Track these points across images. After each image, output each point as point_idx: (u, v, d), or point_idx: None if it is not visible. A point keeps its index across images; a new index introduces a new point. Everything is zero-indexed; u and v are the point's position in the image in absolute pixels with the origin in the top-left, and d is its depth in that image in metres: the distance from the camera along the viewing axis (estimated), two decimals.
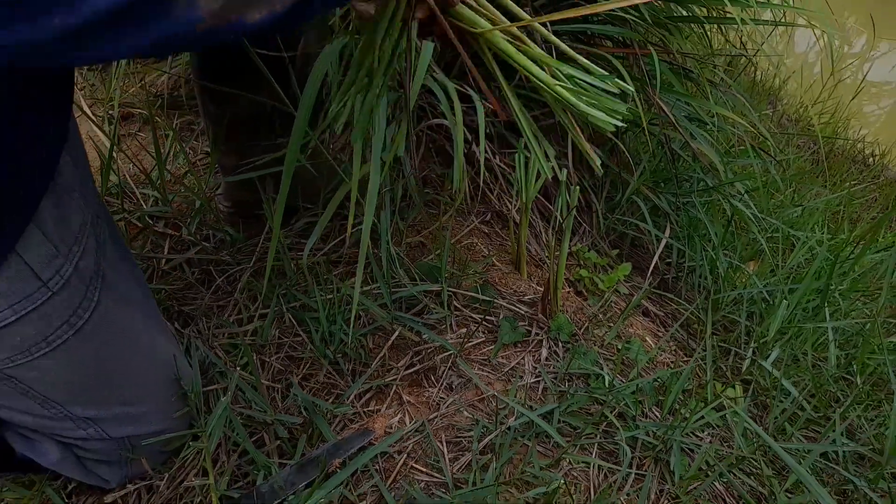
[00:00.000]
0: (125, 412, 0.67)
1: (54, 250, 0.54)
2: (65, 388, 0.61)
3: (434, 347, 0.90)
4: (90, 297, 0.58)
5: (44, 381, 0.58)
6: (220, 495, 0.66)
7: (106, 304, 0.60)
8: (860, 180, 2.70)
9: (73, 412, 0.63)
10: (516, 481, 0.72)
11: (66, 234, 0.55)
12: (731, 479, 0.82)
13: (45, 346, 0.55)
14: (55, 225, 0.53)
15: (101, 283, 0.59)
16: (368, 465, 0.72)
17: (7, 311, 0.51)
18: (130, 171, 1.17)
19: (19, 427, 0.68)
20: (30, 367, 0.56)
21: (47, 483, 0.71)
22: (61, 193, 0.54)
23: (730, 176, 1.40)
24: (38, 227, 0.52)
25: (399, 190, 1.09)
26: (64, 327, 0.56)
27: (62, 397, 0.61)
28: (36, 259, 0.52)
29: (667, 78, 1.19)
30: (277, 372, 0.83)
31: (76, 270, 0.56)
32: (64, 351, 0.57)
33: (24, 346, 0.54)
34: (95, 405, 0.64)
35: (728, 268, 1.36)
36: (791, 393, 0.94)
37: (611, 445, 0.82)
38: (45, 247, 0.53)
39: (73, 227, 0.55)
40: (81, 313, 0.57)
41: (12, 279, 0.51)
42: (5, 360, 0.54)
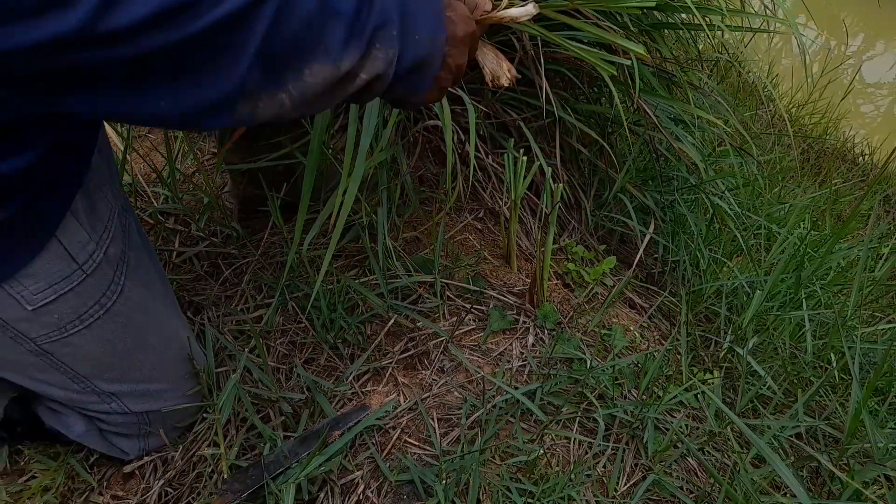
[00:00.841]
0: (144, 388, 0.73)
1: (87, 237, 0.61)
2: (93, 363, 0.67)
3: (427, 333, 0.96)
4: (117, 280, 0.65)
5: (75, 356, 0.65)
6: (230, 464, 0.73)
7: (130, 288, 0.67)
8: (848, 178, 2.76)
9: (99, 387, 0.69)
10: (501, 453, 0.79)
11: (97, 223, 0.62)
12: (701, 455, 0.88)
13: (78, 323, 0.62)
14: (87, 215, 0.61)
15: (126, 268, 0.66)
16: (365, 438, 0.79)
17: (48, 291, 0.58)
18: (142, 171, 1.24)
19: (49, 401, 0.75)
20: (64, 342, 0.62)
21: (71, 455, 0.78)
22: (93, 188, 0.62)
23: (712, 175, 1.47)
24: (74, 217, 0.59)
25: (396, 188, 1.16)
26: (95, 307, 0.63)
27: (90, 372, 0.68)
28: (73, 244, 0.59)
29: (648, 81, 1.26)
30: (282, 356, 0.90)
31: (105, 256, 0.63)
32: (95, 328, 0.64)
33: (60, 323, 0.61)
34: (118, 381, 0.71)
35: (710, 262, 1.43)
36: (764, 378, 1.01)
37: (590, 423, 0.88)
38: (80, 234, 0.60)
39: (102, 218, 0.63)
40: (110, 294, 0.64)
41: (53, 261, 0.58)
42: (44, 336, 0.61)
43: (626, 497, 0.79)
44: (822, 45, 4.85)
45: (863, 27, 5.50)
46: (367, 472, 0.76)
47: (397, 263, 1.05)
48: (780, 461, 0.65)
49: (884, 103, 4.52)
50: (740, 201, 1.77)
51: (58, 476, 0.76)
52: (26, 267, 0.56)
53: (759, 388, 1.08)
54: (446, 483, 0.71)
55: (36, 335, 0.62)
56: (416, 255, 1.11)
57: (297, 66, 0.48)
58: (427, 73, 0.56)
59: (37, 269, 0.57)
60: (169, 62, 0.42)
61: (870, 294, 1.60)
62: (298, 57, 0.47)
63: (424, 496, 0.73)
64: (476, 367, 0.92)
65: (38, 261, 0.57)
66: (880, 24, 5.48)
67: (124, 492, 0.76)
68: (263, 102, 0.48)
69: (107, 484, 0.77)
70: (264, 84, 0.47)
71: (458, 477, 0.73)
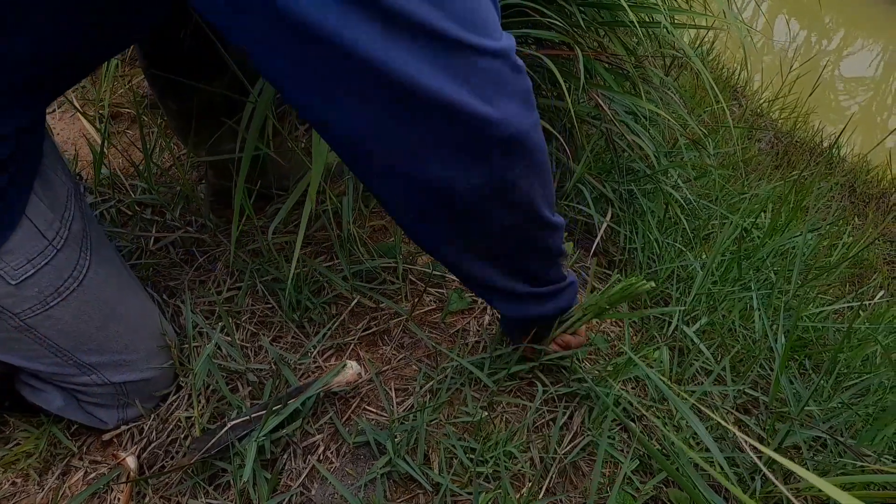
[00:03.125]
0: (121, 359, 0.80)
1: (52, 215, 0.68)
2: (72, 336, 0.74)
3: (389, 313, 1.03)
4: (84, 255, 0.72)
5: (56, 329, 0.71)
6: (203, 427, 0.79)
7: (96, 262, 0.74)
8: (812, 170, 2.85)
9: (79, 359, 0.76)
10: (452, 417, 0.86)
11: (56, 203, 0.69)
12: (632, 423, 0.96)
13: (57, 296, 0.69)
14: (47, 195, 0.68)
15: (89, 244, 0.73)
16: (326, 406, 0.85)
17: (27, 266, 0.65)
18: (120, 165, 1.30)
19: (29, 379, 0.81)
20: (46, 316, 0.69)
21: (53, 424, 0.84)
22: (47, 171, 0.69)
23: (665, 164, 1.54)
24: (37, 196, 0.66)
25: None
26: (69, 280, 0.69)
27: (70, 345, 0.74)
28: (40, 221, 0.66)
29: (600, 77, 1.33)
30: (251, 334, 0.96)
31: (70, 232, 0.70)
32: (72, 301, 0.70)
33: (41, 296, 0.67)
34: (96, 352, 0.77)
35: (664, 247, 1.51)
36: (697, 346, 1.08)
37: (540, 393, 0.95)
38: (45, 212, 0.67)
39: (60, 197, 0.70)
40: (80, 268, 0.71)
41: (26, 238, 0.65)
42: (27, 311, 0.67)
43: (566, 456, 0.86)
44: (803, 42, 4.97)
45: (843, 24, 5.63)
46: (328, 435, 0.82)
47: (362, 249, 1.11)
48: (694, 416, 0.72)
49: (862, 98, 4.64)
50: (699, 192, 1.85)
51: (40, 443, 0.82)
52: (5, 244, 0.63)
53: (703, 363, 1.16)
54: (398, 442, 0.78)
55: (20, 310, 0.68)
56: (381, 242, 1.18)
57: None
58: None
59: (14, 245, 0.64)
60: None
61: (821, 278, 1.69)
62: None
63: (378, 455, 0.79)
64: (434, 342, 0.99)
65: (13, 238, 0.64)
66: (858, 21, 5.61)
67: (103, 457, 0.82)
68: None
69: (86, 450, 0.83)
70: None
71: (409, 437, 0.79)
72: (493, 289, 0.74)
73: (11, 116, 0.60)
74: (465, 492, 0.76)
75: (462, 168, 0.56)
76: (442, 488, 0.75)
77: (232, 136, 1.06)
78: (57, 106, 1.49)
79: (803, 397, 1.05)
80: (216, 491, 0.76)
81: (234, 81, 1.00)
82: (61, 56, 0.60)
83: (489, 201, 0.60)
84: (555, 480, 0.83)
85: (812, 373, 1.33)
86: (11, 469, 0.80)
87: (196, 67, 0.96)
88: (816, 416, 1.09)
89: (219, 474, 0.78)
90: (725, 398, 1.11)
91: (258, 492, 0.75)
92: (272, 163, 1.13)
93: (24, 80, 0.59)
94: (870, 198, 3.04)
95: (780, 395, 1.09)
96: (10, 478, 0.80)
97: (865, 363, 1.38)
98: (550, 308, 0.79)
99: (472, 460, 0.79)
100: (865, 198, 3.05)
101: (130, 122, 1.46)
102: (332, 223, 1.08)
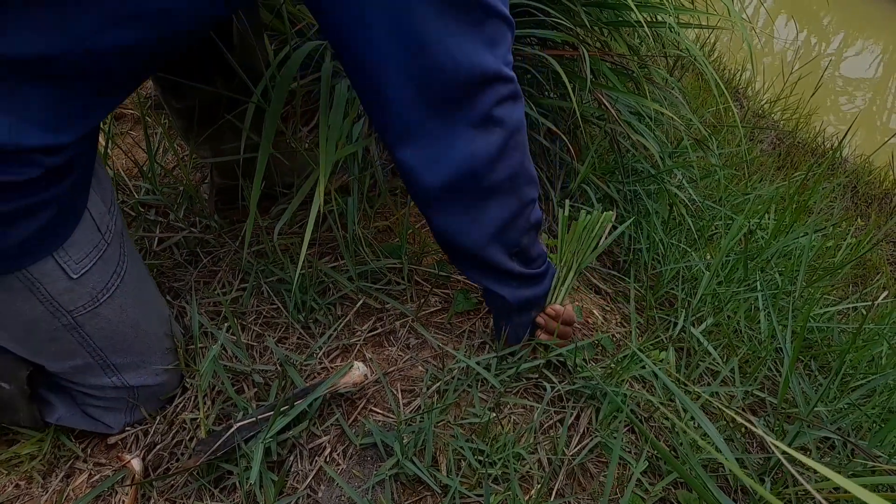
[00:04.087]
0: (143, 360, 0.80)
1: (104, 208, 0.69)
2: (111, 334, 0.74)
3: (395, 313, 1.02)
4: (123, 252, 0.73)
5: (99, 328, 0.72)
6: (208, 429, 0.79)
7: (130, 261, 0.75)
8: (815, 171, 2.85)
9: (109, 359, 0.76)
10: (458, 418, 0.85)
11: (107, 196, 0.70)
12: (641, 424, 0.95)
13: (105, 292, 0.70)
14: (100, 189, 0.69)
15: (125, 241, 0.73)
16: (333, 407, 0.85)
17: (86, 260, 0.66)
18: (124, 166, 1.29)
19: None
20: (94, 314, 0.70)
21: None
22: (98, 166, 0.70)
23: (669, 165, 1.54)
24: (93, 190, 0.67)
25: (367, 179, 1.22)
26: (114, 276, 0.70)
27: (106, 344, 0.74)
28: (97, 215, 0.68)
29: (605, 77, 1.33)
30: (256, 335, 0.96)
31: (115, 226, 0.71)
32: (116, 298, 0.71)
33: (93, 292, 0.68)
34: (126, 353, 0.77)
35: (669, 248, 1.50)
36: (705, 347, 1.08)
37: (547, 394, 0.95)
38: (100, 205, 0.68)
39: (108, 191, 0.71)
40: (122, 264, 0.72)
41: (86, 231, 0.66)
42: (80, 308, 0.68)
43: (574, 458, 0.85)
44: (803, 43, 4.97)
45: (843, 25, 5.63)
46: (334, 437, 0.82)
47: (367, 250, 1.11)
48: (704, 416, 0.72)
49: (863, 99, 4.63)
50: (703, 192, 1.84)
51: (44, 445, 0.81)
52: (72, 235, 0.64)
53: (709, 364, 1.15)
54: (405, 443, 0.77)
55: (73, 307, 0.68)
56: (386, 242, 1.17)
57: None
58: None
59: (77, 238, 0.65)
60: None
61: (826, 279, 1.68)
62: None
63: (386, 457, 0.79)
64: (440, 343, 0.98)
65: (78, 230, 0.65)
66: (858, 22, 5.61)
67: (107, 459, 0.82)
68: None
69: (91, 452, 0.82)
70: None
71: (417, 438, 0.79)
72: (495, 270, 0.83)
73: (91, 116, 0.61)
74: (473, 494, 0.75)
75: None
76: (451, 490, 0.74)
77: (235, 135, 1.06)
78: None
79: (811, 398, 1.05)
80: (222, 493, 0.76)
81: (238, 82, 0.99)
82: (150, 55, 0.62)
83: (499, 163, 0.70)
84: (563, 482, 0.83)
85: (818, 374, 1.32)
86: (15, 471, 0.79)
87: (197, 68, 0.96)
88: (824, 417, 1.08)
89: (224, 476, 0.78)
90: (732, 399, 1.11)
91: (265, 494, 0.74)
92: (275, 161, 1.12)
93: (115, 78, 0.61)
94: (872, 198, 3.03)
95: (787, 396, 1.09)
96: (13, 480, 0.79)
97: (871, 364, 1.37)
98: (541, 290, 0.90)
99: (480, 462, 0.79)
100: (868, 198, 3.04)
101: (134, 123, 1.46)
102: (338, 224, 1.08)
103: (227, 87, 0.99)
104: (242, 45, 0.96)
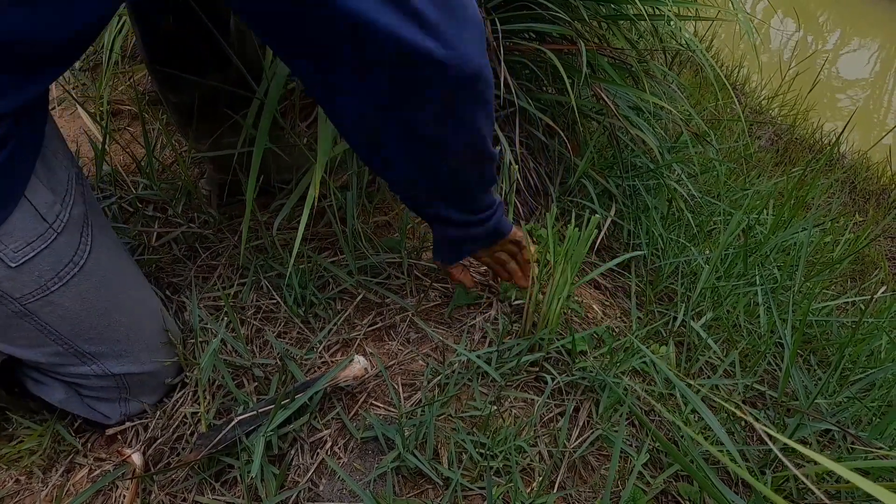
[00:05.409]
0: (122, 349, 0.78)
1: (52, 198, 0.67)
2: (73, 322, 0.72)
3: (395, 308, 1.02)
4: (85, 240, 0.71)
5: (57, 315, 0.70)
6: (209, 423, 0.78)
7: (98, 248, 0.73)
8: (813, 167, 2.85)
9: (79, 347, 0.74)
10: (459, 412, 0.85)
11: (58, 185, 0.68)
12: (644, 416, 0.95)
13: (57, 281, 0.68)
14: (48, 178, 0.67)
15: (90, 229, 0.72)
16: (333, 401, 0.85)
17: (27, 248, 0.64)
18: (121, 162, 1.29)
19: (31, 371, 0.80)
20: (46, 301, 0.68)
21: (57, 421, 0.83)
22: (50, 154, 0.68)
23: (668, 160, 1.54)
24: (37, 178, 0.65)
25: (366, 174, 1.21)
26: (69, 265, 0.69)
27: (71, 332, 0.73)
28: (40, 204, 0.65)
29: (603, 71, 1.33)
30: (256, 330, 0.96)
31: (71, 216, 0.69)
32: (72, 286, 0.69)
33: (41, 281, 0.67)
34: (97, 340, 0.75)
35: (668, 243, 1.50)
36: (705, 341, 1.08)
37: (547, 386, 0.95)
38: (46, 195, 0.66)
39: (62, 180, 0.69)
40: (81, 253, 0.70)
41: (26, 220, 0.64)
42: (27, 295, 0.66)
43: (575, 451, 0.85)
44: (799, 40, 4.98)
45: (839, 23, 5.64)
46: (335, 430, 0.82)
47: (367, 245, 1.11)
48: (706, 408, 0.72)
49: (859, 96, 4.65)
50: (702, 188, 1.84)
51: (43, 440, 0.81)
52: (4, 225, 0.62)
53: (710, 357, 1.15)
54: (406, 436, 0.77)
55: (20, 294, 0.67)
56: (386, 237, 1.17)
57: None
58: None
59: (13, 227, 0.63)
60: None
61: (824, 274, 1.68)
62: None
63: (387, 450, 0.79)
64: (440, 337, 0.98)
65: (12, 219, 0.63)
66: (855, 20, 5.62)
67: (107, 454, 0.81)
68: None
69: (90, 447, 0.82)
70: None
71: (418, 431, 0.79)
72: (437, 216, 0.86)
73: (7, 96, 0.58)
74: (475, 486, 0.75)
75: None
76: (452, 483, 0.74)
77: (233, 129, 1.05)
78: (57, 103, 1.48)
79: (811, 391, 1.05)
80: (223, 487, 0.76)
81: (235, 75, 0.99)
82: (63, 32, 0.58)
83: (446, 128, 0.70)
84: (564, 475, 0.83)
85: (817, 368, 1.32)
86: (15, 466, 0.79)
87: (193, 62, 0.95)
88: (824, 410, 1.09)
89: (225, 470, 0.77)
90: (732, 392, 1.11)
91: (266, 487, 0.74)
92: (273, 156, 1.12)
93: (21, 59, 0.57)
94: (870, 194, 3.04)
95: (786, 390, 1.09)
96: (13, 475, 0.79)
97: (870, 358, 1.38)
98: (482, 232, 0.91)
99: (481, 455, 0.79)
100: (865, 194, 3.05)
101: (131, 119, 1.45)
102: (337, 218, 1.07)
103: (223, 80, 0.98)
104: (239, 35, 0.96)
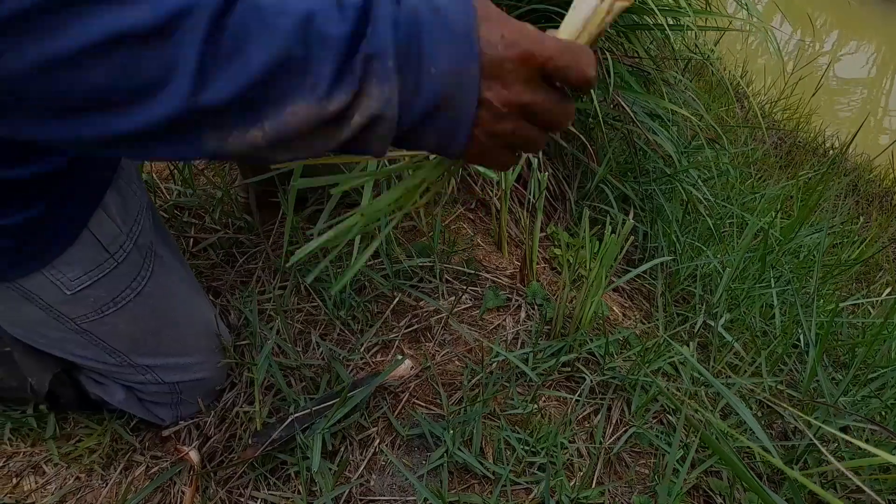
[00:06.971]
0: (175, 362, 0.82)
1: (118, 229, 0.69)
2: (128, 340, 0.76)
3: (429, 310, 1.06)
4: (146, 266, 0.73)
5: (112, 334, 0.73)
6: (263, 421, 0.82)
7: (158, 273, 0.75)
8: (818, 170, 2.89)
9: (134, 361, 0.78)
10: (499, 411, 0.88)
11: (128, 217, 0.70)
12: (671, 413, 0.98)
13: (112, 306, 0.70)
14: (119, 209, 0.69)
15: (153, 256, 0.74)
16: (379, 400, 0.88)
17: (84, 277, 0.66)
18: (155, 168, 1.32)
19: (91, 372, 0.83)
20: (101, 322, 0.71)
21: (114, 420, 0.86)
22: (124, 185, 0.70)
23: (685, 165, 1.58)
24: (104, 211, 0.67)
25: (395, 181, 1.25)
26: (127, 291, 0.71)
27: (125, 348, 0.76)
28: (105, 235, 0.67)
29: (625, 79, 1.36)
30: (299, 331, 0.99)
31: (136, 246, 0.71)
32: (127, 310, 0.72)
33: (96, 305, 0.69)
34: (151, 355, 0.79)
35: (685, 247, 1.54)
36: (730, 342, 1.11)
37: (579, 386, 0.98)
38: (111, 226, 0.68)
39: (132, 212, 0.71)
40: (140, 280, 0.72)
41: (86, 251, 0.66)
42: (82, 317, 0.69)
43: (610, 448, 0.88)
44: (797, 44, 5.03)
45: (836, 26, 5.69)
46: (382, 428, 0.85)
47: (399, 249, 1.14)
48: (741, 403, 0.75)
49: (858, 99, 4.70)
50: (715, 192, 1.88)
51: (103, 439, 0.84)
52: (62, 255, 0.64)
53: (730, 357, 1.19)
54: (453, 433, 0.80)
55: (75, 316, 0.69)
56: (415, 242, 1.20)
57: (274, 105, 0.39)
58: (457, 119, 0.43)
59: (72, 257, 0.65)
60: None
61: (836, 276, 1.72)
62: (270, 95, 0.38)
63: (434, 447, 0.82)
64: (474, 338, 1.01)
65: (72, 250, 0.64)
66: (852, 23, 5.67)
67: (163, 452, 0.85)
68: (232, 138, 0.40)
69: (147, 445, 0.85)
70: (232, 119, 0.39)
71: (463, 429, 0.82)
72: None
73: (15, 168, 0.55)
74: (522, 481, 0.79)
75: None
76: (502, 478, 0.77)
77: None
78: None
79: (832, 389, 1.08)
80: (279, 482, 0.79)
81: None
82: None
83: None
84: (601, 471, 0.86)
85: (831, 368, 1.36)
86: (76, 464, 0.82)
87: None
88: (843, 407, 1.12)
89: (279, 467, 0.81)
90: (752, 392, 1.14)
91: (320, 482, 0.77)
92: (310, 166, 1.15)
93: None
94: (873, 197, 3.08)
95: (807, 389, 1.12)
96: (74, 473, 0.82)
97: (884, 358, 1.41)
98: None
99: (525, 451, 0.82)
100: (869, 197, 3.10)
101: None
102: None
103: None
104: None
